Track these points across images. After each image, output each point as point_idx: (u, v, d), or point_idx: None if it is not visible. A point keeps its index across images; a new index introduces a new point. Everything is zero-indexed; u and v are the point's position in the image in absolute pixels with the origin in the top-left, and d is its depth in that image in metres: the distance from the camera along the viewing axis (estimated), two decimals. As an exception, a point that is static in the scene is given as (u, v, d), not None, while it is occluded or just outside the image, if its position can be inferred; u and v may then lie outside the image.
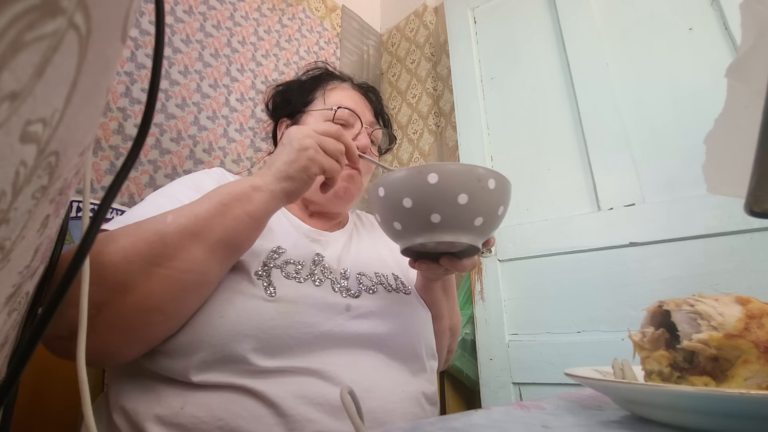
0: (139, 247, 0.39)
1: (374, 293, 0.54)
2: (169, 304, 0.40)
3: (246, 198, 0.43)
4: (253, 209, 0.43)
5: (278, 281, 0.47)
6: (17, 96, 0.13)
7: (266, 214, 0.45)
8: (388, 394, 0.46)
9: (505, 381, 1.09)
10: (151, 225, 0.40)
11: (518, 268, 1.16)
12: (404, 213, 0.42)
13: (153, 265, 0.38)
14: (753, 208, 0.27)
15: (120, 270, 0.37)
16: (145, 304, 0.38)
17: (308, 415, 0.40)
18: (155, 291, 0.38)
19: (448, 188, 0.40)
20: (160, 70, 0.21)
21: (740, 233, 0.88)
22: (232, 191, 0.43)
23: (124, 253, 0.38)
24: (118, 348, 0.40)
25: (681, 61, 1.05)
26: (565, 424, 0.30)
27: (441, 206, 0.40)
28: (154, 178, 1.09)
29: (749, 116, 0.34)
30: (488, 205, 0.42)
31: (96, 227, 0.20)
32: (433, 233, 0.42)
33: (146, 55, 1.13)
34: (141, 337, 0.40)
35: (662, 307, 0.34)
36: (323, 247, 0.58)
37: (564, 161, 1.17)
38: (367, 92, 0.73)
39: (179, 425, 0.39)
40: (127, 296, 0.37)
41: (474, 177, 0.40)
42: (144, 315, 0.39)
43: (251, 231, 0.44)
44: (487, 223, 0.42)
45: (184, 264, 0.40)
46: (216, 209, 0.42)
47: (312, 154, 0.45)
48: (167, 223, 0.40)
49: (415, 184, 0.40)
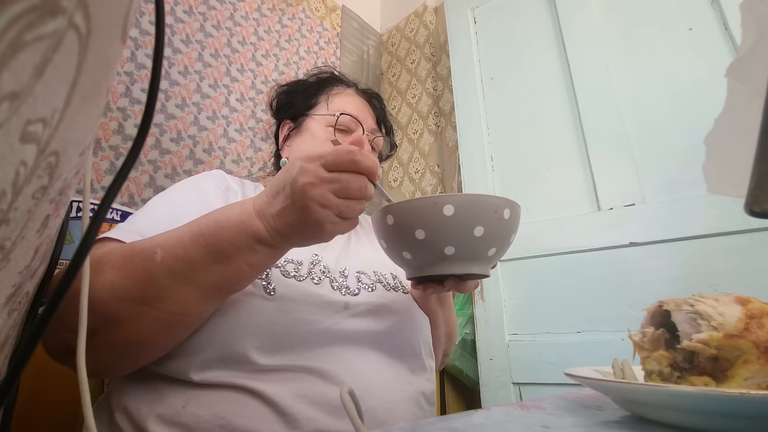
0: (127, 284, 0.37)
1: (373, 291, 0.55)
2: (161, 340, 0.40)
3: (250, 250, 0.38)
4: (257, 262, 0.39)
5: (277, 280, 0.47)
6: (17, 96, 0.13)
7: (271, 264, 0.41)
8: (387, 393, 0.47)
9: (505, 381, 1.09)
10: (139, 261, 0.38)
11: (518, 268, 1.16)
12: (416, 244, 0.40)
13: (143, 305, 0.37)
14: (753, 208, 0.27)
15: (109, 306, 0.37)
16: (136, 339, 0.39)
17: (308, 413, 0.41)
18: (146, 329, 0.38)
19: (465, 220, 0.38)
20: (160, 70, 0.21)
21: (740, 233, 0.88)
22: (233, 241, 0.38)
23: (111, 289, 0.36)
24: (111, 368, 0.42)
25: (681, 61, 1.05)
26: (565, 424, 0.30)
27: (456, 239, 0.39)
28: (154, 178, 1.09)
29: (749, 116, 0.34)
30: (503, 235, 0.41)
31: (96, 227, 0.20)
32: (445, 265, 0.40)
33: (146, 55, 1.13)
34: (133, 362, 0.42)
35: (662, 307, 0.34)
36: (322, 248, 0.58)
37: (564, 161, 1.17)
38: (371, 98, 0.74)
39: (181, 424, 0.39)
40: (118, 329, 0.38)
41: (491, 209, 0.39)
42: (135, 347, 0.39)
43: (252, 279, 0.42)
44: (499, 252, 0.42)
45: (176, 308, 0.38)
46: (214, 258, 0.38)
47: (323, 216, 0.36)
48: (157, 262, 0.37)
49: (430, 215, 0.38)
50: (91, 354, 0.36)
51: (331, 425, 0.41)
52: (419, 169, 1.65)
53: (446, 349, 0.70)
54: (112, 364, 0.41)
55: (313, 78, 0.74)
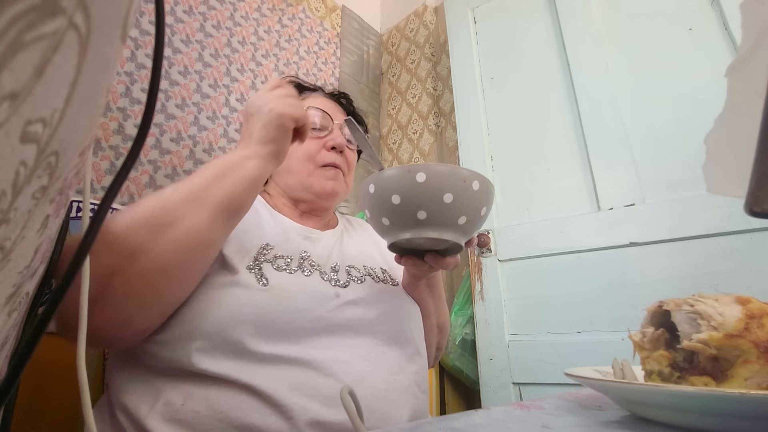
0: (142, 216, 0.41)
1: (362, 283, 0.56)
2: (180, 265, 0.42)
3: (240, 166, 0.46)
4: (250, 173, 0.46)
5: (269, 273, 0.49)
6: (17, 96, 0.13)
7: (261, 177, 0.48)
8: (380, 382, 0.47)
9: (505, 381, 1.09)
10: (152, 197, 0.43)
11: (518, 268, 1.16)
12: (392, 209, 0.44)
13: (159, 231, 0.40)
14: (753, 208, 0.27)
15: (127, 238, 0.39)
16: (156, 266, 0.40)
17: (303, 404, 0.42)
18: (164, 254, 0.40)
19: (435, 187, 0.42)
20: (160, 70, 0.21)
21: (740, 233, 0.88)
22: (225, 161, 0.46)
23: (127, 223, 0.40)
24: (133, 315, 0.41)
25: (681, 61, 1.05)
26: (565, 424, 0.30)
27: (427, 204, 0.42)
28: (154, 178, 1.09)
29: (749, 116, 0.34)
30: (472, 205, 0.44)
31: (96, 227, 0.20)
32: (419, 229, 0.44)
33: (146, 55, 1.13)
34: (155, 299, 0.42)
35: (662, 307, 0.34)
36: (313, 244, 0.59)
37: (564, 161, 1.17)
38: (339, 98, 0.77)
39: (181, 421, 0.40)
40: (137, 261, 0.39)
41: (460, 178, 0.43)
42: (156, 277, 0.40)
43: (249, 193, 0.47)
44: (470, 222, 0.45)
45: (189, 227, 0.42)
46: (214, 177, 0.45)
47: (280, 109, 0.48)
48: (168, 192, 0.43)
49: (404, 182, 0.43)
50: (112, 303, 0.39)
51: (326, 415, 0.42)
52: (419, 169, 1.65)
53: (439, 342, 0.71)
54: (134, 308, 0.41)
55: None
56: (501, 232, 1.21)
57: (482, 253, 1.22)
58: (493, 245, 1.21)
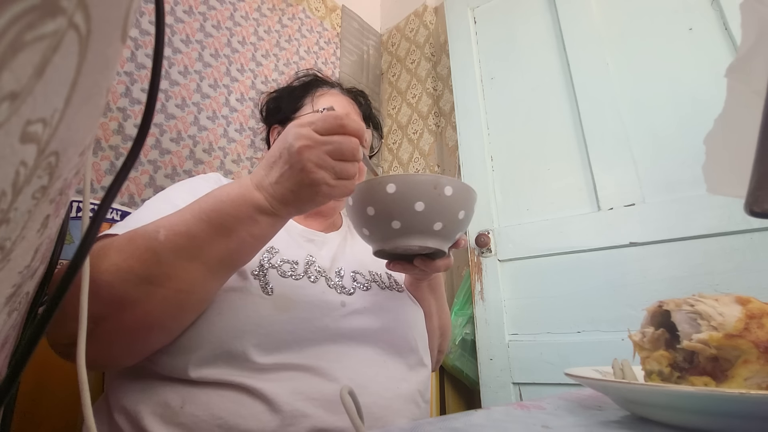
0: (132, 265, 0.37)
1: (368, 290, 0.55)
2: (169, 322, 0.40)
3: (251, 221, 0.39)
4: (260, 233, 0.40)
5: (275, 280, 0.48)
6: (17, 96, 0.13)
7: (273, 234, 0.42)
8: (383, 390, 0.47)
9: (505, 381, 1.09)
10: (143, 241, 0.38)
11: (518, 268, 1.16)
12: (368, 220, 0.45)
13: (149, 284, 0.37)
14: (753, 208, 0.27)
15: (115, 287, 0.36)
16: (145, 321, 0.38)
17: (305, 410, 0.41)
18: (155, 310, 0.38)
19: (405, 197, 0.42)
20: (160, 70, 0.21)
21: (740, 233, 0.88)
22: (235, 213, 0.39)
23: (116, 271, 0.36)
24: (116, 358, 0.41)
25: (681, 61, 1.05)
26: (565, 424, 0.30)
27: (400, 213, 0.43)
28: (154, 178, 1.09)
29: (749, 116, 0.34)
30: (446, 211, 0.44)
31: (96, 227, 0.20)
32: (396, 239, 0.44)
33: (146, 55, 1.13)
34: (140, 349, 0.41)
35: (662, 307, 0.34)
36: (318, 248, 0.58)
37: (564, 161, 1.17)
38: (357, 96, 0.76)
39: (180, 424, 0.39)
40: (125, 313, 0.37)
41: (430, 185, 0.42)
42: (143, 331, 0.39)
43: (256, 251, 0.42)
44: (447, 227, 0.45)
45: (183, 285, 0.38)
46: (217, 231, 0.38)
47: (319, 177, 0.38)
48: (160, 240, 0.38)
49: (376, 194, 0.43)
50: (98, 343, 0.37)
51: (327, 421, 0.41)
52: (419, 169, 1.65)
53: (441, 345, 0.71)
54: (118, 353, 0.40)
55: (297, 82, 0.77)
56: (501, 232, 1.21)
57: (482, 253, 1.22)
58: (493, 245, 1.21)
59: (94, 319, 0.36)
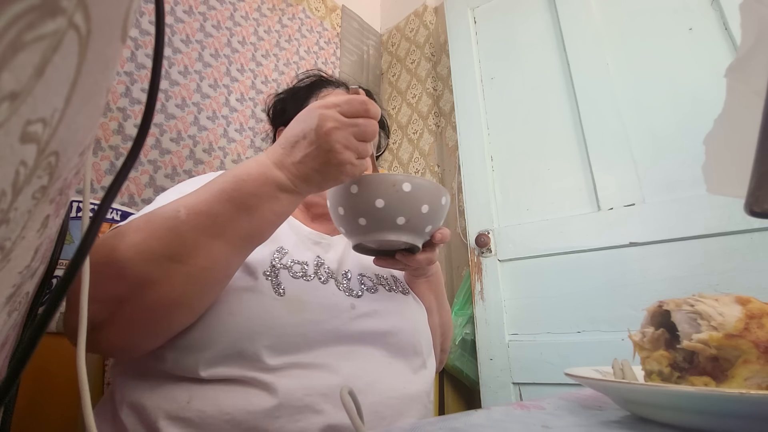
0: (152, 245, 0.37)
1: (375, 293, 0.56)
2: (192, 300, 0.40)
3: (273, 199, 0.40)
4: (281, 210, 0.41)
5: (286, 281, 0.48)
6: (17, 96, 0.13)
7: (292, 210, 0.43)
8: (390, 390, 0.47)
9: (505, 381, 1.09)
10: (162, 221, 0.38)
11: (518, 268, 1.16)
12: (340, 219, 0.48)
13: (173, 262, 0.37)
14: (753, 208, 0.27)
15: (137, 266, 0.36)
16: (168, 299, 0.38)
17: (314, 406, 0.41)
18: (178, 287, 0.38)
19: (367, 195, 0.45)
20: (160, 70, 0.21)
21: (740, 233, 0.88)
22: (257, 192, 0.39)
23: (137, 250, 0.36)
24: (137, 341, 0.41)
25: (681, 61, 1.05)
26: (565, 424, 0.30)
27: (364, 211, 0.46)
28: (154, 178, 1.09)
29: (749, 116, 0.34)
30: (407, 206, 0.46)
31: (96, 227, 0.20)
32: (366, 234, 0.47)
33: (146, 55, 1.13)
34: (162, 330, 0.41)
35: (662, 307, 0.34)
36: (324, 250, 0.58)
37: (564, 161, 1.17)
38: None
39: (187, 420, 0.39)
40: (149, 292, 0.37)
41: (389, 183, 0.45)
42: (167, 309, 0.39)
43: (276, 227, 0.44)
44: (412, 221, 0.46)
45: (207, 262, 0.38)
46: (239, 209, 0.39)
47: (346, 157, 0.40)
48: (182, 219, 0.38)
49: (343, 195, 0.47)
50: (119, 327, 0.37)
51: (336, 417, 0.41)
52: (419, 169, 1.65)
53: (443, 344, 0.71)
54: (140, 337, 0.40)
55: (301, 83, 0.77)
56: (501, 232, 1.21)
57: (482, 253, 1.22)
58: (493, 245, 1.21)
59: (116, 300, 0.36)
